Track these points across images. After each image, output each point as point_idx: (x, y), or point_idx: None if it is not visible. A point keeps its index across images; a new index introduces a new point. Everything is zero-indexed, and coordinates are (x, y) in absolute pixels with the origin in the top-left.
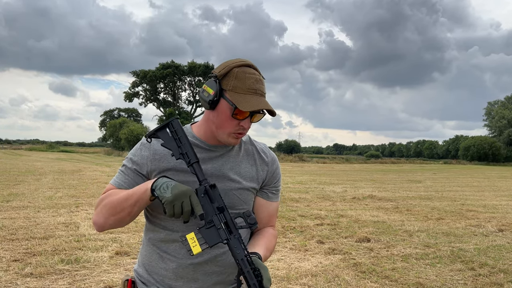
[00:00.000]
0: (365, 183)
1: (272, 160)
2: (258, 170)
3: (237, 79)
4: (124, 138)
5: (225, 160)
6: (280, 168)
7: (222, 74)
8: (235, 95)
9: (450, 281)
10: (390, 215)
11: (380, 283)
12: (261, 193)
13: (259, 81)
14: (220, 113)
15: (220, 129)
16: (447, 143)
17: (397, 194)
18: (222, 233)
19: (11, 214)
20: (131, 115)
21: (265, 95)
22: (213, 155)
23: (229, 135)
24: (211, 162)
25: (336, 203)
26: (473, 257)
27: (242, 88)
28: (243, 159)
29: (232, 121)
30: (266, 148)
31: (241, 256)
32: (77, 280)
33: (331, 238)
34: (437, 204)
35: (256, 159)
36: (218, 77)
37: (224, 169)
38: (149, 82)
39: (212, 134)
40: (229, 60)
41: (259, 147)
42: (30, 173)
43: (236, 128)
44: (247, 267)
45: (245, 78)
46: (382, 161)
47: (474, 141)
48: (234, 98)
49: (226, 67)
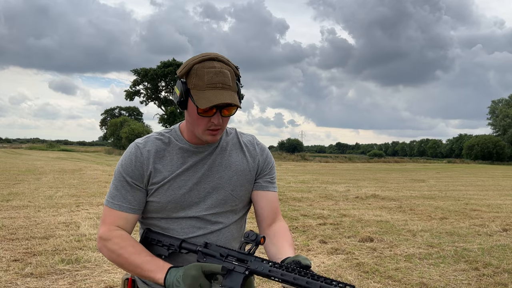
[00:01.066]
0: (368, 183)
1: (262, 149)
2: (249, 161)
3: (197, 76)
4: (125, 137)
5: (214, 158)
6: (273, 157)
7: (184, 73)
8: (197, 92)
9: (453, 281)
10: (393, 215)
11: (383, 283)
12: (257, 185)
13: (219, 74)
14: (190, 112)
15: (194, 128)
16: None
17: (401, 193)
18: (239, 268)
19: (11, 213)
20: (132, 113)
21: (229, 86)
22: (202, 156)
23: (204, 133)
24: (201, 163)
25: (339, 202)
26: (477, 257)
27: (201, 85)
28: (231, 153)
29: (202, 119)
30: (253, 138)
31: (267, 270)
32: (77, 280)
33: (334, 237)
34: (440, 203)
35: (245, 151)
36: (180, 77)
37: (214, 167)
38: (150, 81)
39: (194, 133)
40: (192, 57)
41: (247, 139)
42: (30, 172)
43: (208, 125)
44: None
45: (204, 74)
46: (385, 160)
47: (478, 140)
48: (195, 96)
49: (187, 65)
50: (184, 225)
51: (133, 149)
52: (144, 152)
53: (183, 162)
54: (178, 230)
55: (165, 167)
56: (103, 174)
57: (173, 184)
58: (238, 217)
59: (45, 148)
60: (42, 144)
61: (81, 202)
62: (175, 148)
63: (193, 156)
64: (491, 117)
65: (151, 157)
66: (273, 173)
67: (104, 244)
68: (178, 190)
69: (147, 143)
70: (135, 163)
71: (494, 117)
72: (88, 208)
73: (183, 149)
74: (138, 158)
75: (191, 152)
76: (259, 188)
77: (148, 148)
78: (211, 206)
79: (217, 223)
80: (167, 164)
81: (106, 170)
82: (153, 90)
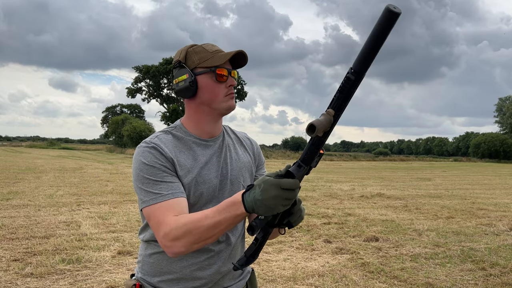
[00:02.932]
0: (373, 181)
1: (255, 144)
2: (249, 155)
3: (198, 53)
4: (126, 135)
5: (225, 151)
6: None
7: (183, 57)
8: (206, 62)
9: (460, 282)
10: (399, 214)
11: (388, 283)
12: (255, 179)
13: (215, 46)
14: (204, 88)
15: (214, 101)
16: (457, 140)
17: (406, 192)
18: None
19: (11, 212)
20: (133, 111)
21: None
22: (213, 149)
23: (224, 100)
24: (216, 157)
25: (343, 201)
26: (484, 256)
27: (206, 55)
28: (236, 147)
29: (219, 87)
30: (246, 134)
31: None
32: (78, 280)
33: (339, 237)
34: (447, 202)
35: (245, 145)
36: (181, 61)
37: (230, 160)
38: (152, 78)
39: (203, 125)
40: (179, 49)
41: (243, 134)
42: (30, 170)
43: (226, 90)
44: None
45: (204, 49)
46: (390, 159)
47: (485, 138)
48: (206, 63)
49: (182, 51)
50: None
51: (147, 146)
52: (160, 144)
53: (202, 155)
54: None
55: (186, 160)
56: (104, 172)
57: (197, 178)
58: None
59: (46, 146)
60: (43, 142)
61: (82, 201)
62: (188, 142)
63: (206, 149)
64: (498, 115)
65: (168, 148)
66: (264, 166)
67: (171, 240)
68: (203, 184)
69: (158, 138)
70: (156, 154)
71: (501, 115)
72: (89, 207)
73: (196, 143)
74: (157, 150)
75: (203, 146)
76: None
77: (163, 141)
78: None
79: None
80: (187, 158)
81: (107, 168)
82: (155, 87)
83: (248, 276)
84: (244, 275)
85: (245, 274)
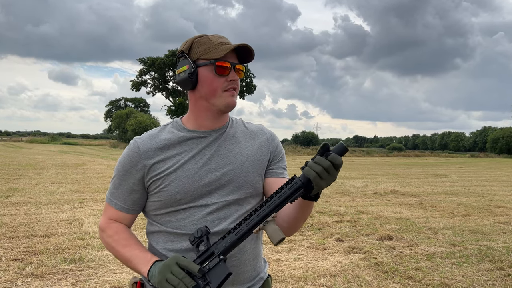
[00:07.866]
0: (387, 178)
1: (272, 136)
2: (260, 148)
3: (202, 44)
4: (131, 129)
5: (220, 144)
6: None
7: (187, 47)
8: (208, 54)
9: (477, 282)
10: (414, 212)
11: (403, 283)
12: (271, 172)
13: (222, 37)
14: (204, 80)
15: (213, 95)
16: (474, 135)
17: (421, 189)
18: (214, 260)
19: (11, 210)
20: (138, 105)
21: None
22: (209, 140)
23: (222, 95)
24: (208, 148)
25: (356, 198)
26: (502, 256)
27: (210, 47)
28: (240, 140)
29: (219, 81)
30: (262, 126)
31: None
32: (81, 281)
33: (351, 236)
34: (463, 199)
35: (255, 138)
36: (185, 51)
37: (224, 153)
38: (157, 70)
39: (201, 120)
40: (187, 39)
41: (255, 127)
42: (31, 166)
43: (226, 84)
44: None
45: (209, 40)
46: (405, 154)
47: (503, 132)
48: (208, 55)
49: (187, 42)
50: (195, 217)
51: (131, 145)
52: (143, 147)
53: (188, 150)
54: (187, 224)
55: (170, 158)
56: (107, 168)
57: (179, 173)
58: (250, 207)
59: (47, 141)
60: (44, 137)
61: (84, 198)
62: (178, 137)
63: (198, 143)
64: None
65: (150, 150)
66: (285, 161)
67: (101, 235)
68: (186, 179)
69: (145, 137)
70: (132, 159)
71: None
72: (92, 204)
73: (186, 137)
74: (136, 153)
75: (195, 139)
76: (273, 175)
77: (147, 142)
78: (226, 193)
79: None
80: (171, 155)
81: (111, 164)
82: (160, 80)
83: (260, 283)
84: (256, 281)
85: (257, 281)
